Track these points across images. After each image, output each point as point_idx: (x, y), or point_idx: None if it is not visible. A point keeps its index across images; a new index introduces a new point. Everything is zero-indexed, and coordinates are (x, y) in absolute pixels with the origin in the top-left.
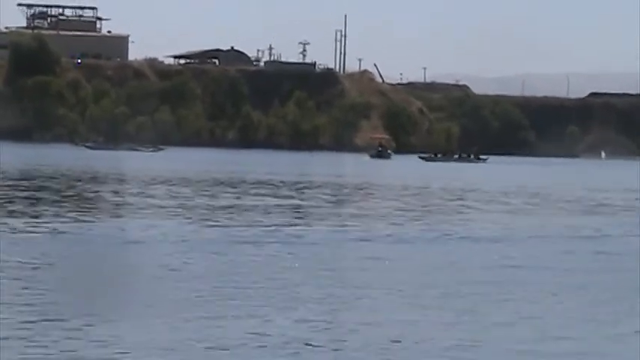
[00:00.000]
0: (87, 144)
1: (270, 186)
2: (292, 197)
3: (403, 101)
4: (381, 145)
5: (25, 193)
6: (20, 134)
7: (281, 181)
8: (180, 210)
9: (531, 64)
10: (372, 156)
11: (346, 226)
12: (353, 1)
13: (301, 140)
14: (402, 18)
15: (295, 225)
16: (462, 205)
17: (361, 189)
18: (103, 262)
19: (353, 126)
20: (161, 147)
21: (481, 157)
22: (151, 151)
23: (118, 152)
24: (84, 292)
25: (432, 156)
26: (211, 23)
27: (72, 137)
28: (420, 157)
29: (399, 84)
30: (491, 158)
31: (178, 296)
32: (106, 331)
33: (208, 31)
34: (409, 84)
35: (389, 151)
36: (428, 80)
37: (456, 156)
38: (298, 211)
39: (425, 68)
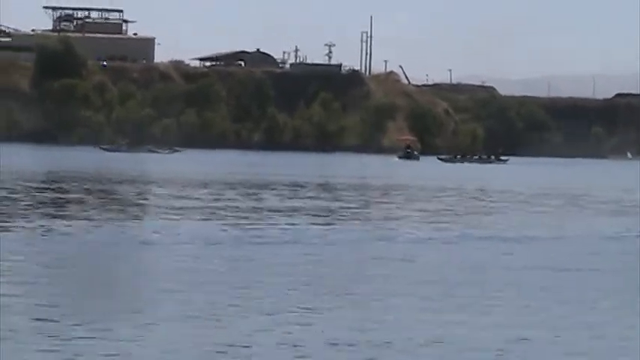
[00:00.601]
0: (103, 146)
1: (300, 188)
2: (326, 199)
3: (429, 102)
4: (408, 147)
5: (23, 196)
6: (46, 137)
7: (317, 184)
8: (198, 211)
9: (557, 66)
10: (400, 157)
11: (375, 227)
12: (379, 3)
13: (327, 142)
14: (427, 19)
15: (329, 225)
16: (486, 206)
17: (395, 190)
18: (120, 264)
19: (379, 127)
20: (177, 149)
21: (502, 157)
22: (167, 153)
23: (134, 154)
24: (103, 293)
25: (452, 157)
26: (237, 25)
27: (98, 140)
28: (439, 159)
29: (424, 85)
30: (515, 159)
31: (200, 298)
32: (121, 333)
33: (234, 34)
34: (435, 85)
35: (415, 153)
36: (454, 81)
37: (476, 157)
38: (333, 214)
39: (451, 70)
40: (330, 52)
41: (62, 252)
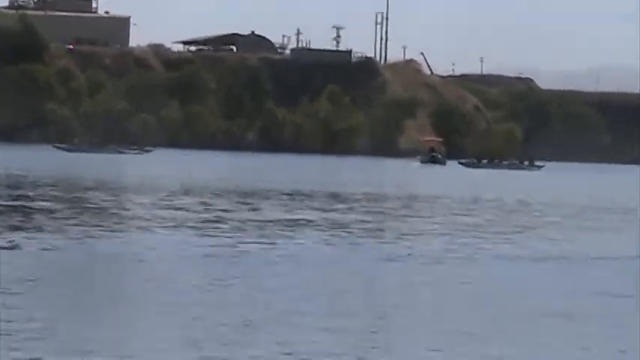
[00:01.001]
0: (59, 145)
1: (305, 197)
2: (336, 211)
3: (456, 97)
4: (432, 149)
5: None
6: (1, 134)
7: (325, 193)
8: (182, 225)
9: (608, 55)
10: (423, 162)
11: (398, 245)
12: None
13: (335, 143)
14: None
15: (341, 242)
16: (531, 221)
17: (420, 201)
18: (99, 284)
19: (396, 126)
20: (148, 149)
21: (536, 163)
22: (136, 153)
23: (96, 155)
24: (83, 317)
25: (475, 162)
26: (228, 3)
27: (62, 137)
28: (460, 164)
29: (450, 76)
30: (553, 165)
31: (192, 323)
32: None
33: (224, 12)
34: (463, 76)
35: (440, 156)
36: (485, 72)
37: (506, 162)
38: (346, 229)
39: (482, 58)
40: (339, 35)
41: (31, 270)
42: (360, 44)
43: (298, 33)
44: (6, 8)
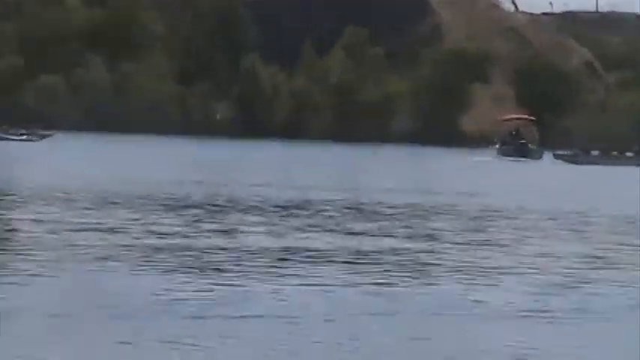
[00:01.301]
0: None
1: (314, 211)
2: (363, 234)
3: (555, 49)
4: (517, 133)
5: None
6: None
7: (345, 205)
8: (123, 254)
9: None
10: (504, 153)
11: (467, 289)
12: None
13: (357, 122)
14: None
15: (372, 283)
16: None
17: (503, 217)
18: None
19: (457, 96)
20: (45, 132)
21: None
22: (27, 139)
23: None
24: None
25: (581, 154)
26: None
27: None
28: (555, 156)
29: (546, 14)
30: None
31: None
32: None
33: None
34: (567, 14)
35: (531, 146)
36: (601, 10)
37: (630, 154)
38: (380, 262)
39: None
40: None
41: None
42: None
43: None
44: None
